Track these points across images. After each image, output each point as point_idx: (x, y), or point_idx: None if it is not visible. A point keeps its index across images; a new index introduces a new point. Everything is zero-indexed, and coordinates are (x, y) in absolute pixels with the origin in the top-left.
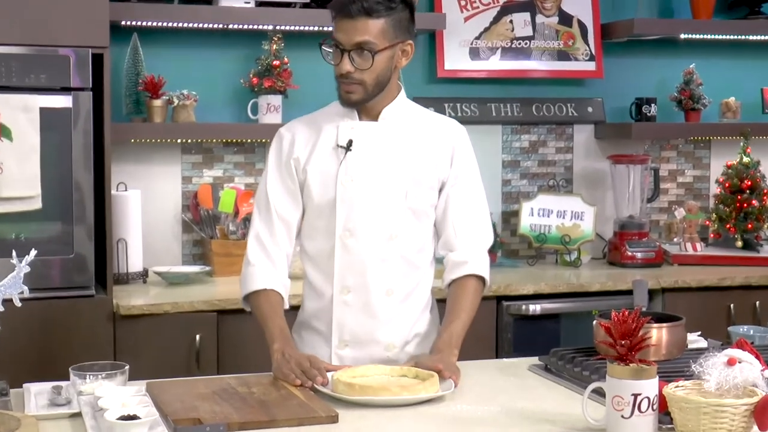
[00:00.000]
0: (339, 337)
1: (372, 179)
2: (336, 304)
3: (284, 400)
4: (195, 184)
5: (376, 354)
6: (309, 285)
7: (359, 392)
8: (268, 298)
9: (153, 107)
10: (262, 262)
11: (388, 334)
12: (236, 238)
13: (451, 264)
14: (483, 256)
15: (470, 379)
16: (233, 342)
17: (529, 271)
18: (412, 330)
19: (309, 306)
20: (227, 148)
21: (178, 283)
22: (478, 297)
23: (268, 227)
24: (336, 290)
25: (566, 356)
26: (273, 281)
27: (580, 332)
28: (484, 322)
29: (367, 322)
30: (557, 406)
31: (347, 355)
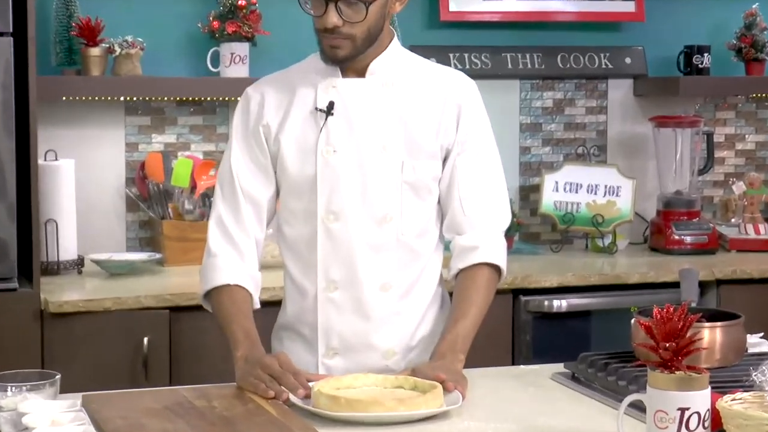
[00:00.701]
0: (326, 344)
1: (359, 149)
2: (321, 304)
3: (252, 415)
4: (142, 152)
5: (372, 363)
6: (289, 280)
7: (345, 407)
8: (232, 296)
9: (89, 57)
10: (225, 252)
11: (385, 338)
12: (193, 218)
13: (459, 250)
14: (497, 239)
15: (480, 390)
16: (189, 346)
17: (552, 259)
18: (417, 332)
19: (290, 306)
20: (181, 108)
21: (122, 273)
22: (491, 290)
23: (233, 209)
24: (320, 286)
25: (598, 362)
26: (239, 275)
27: (615, 333)
28: (498, 320)
29: (360, 325)
30: (586, 423)
31: (337, 366)
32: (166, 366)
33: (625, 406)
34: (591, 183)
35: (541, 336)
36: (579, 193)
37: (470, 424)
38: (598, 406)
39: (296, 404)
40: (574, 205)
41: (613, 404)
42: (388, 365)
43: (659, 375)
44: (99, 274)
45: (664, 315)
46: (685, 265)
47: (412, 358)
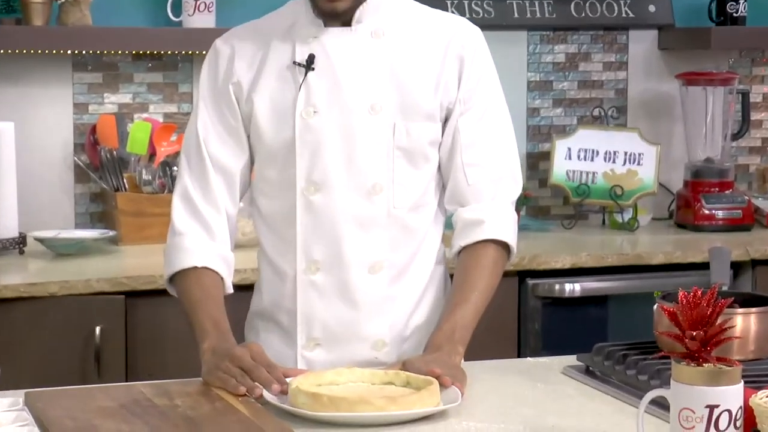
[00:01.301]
0: (306, 334)
1: (344, 109)
2: (301, 287)
3: (220, 415)
4: (93, 114)
5: (359, 355)
6: (265, 260)
7: (328, 406)
8: (200, 281)
9: (31, 4)
10: (193, 231)
11: (374, 327)
12: (152, 190)
13: (462, 224)
14: (506, 213)
15: (481, 386)
16: (148, 336)
17: (564, 236)
18: (411, 321)
19: (266, 290)
20: (138, 64)
21: (70, 254)
22: (497, 272)
23: (201, 182)
24: (300, 267)
25: (615, 354)
26: (208, 256)
27: (636, 321)
28: (502, 307)
29: (345, 312)
30: (602, 424)
31: (318, 359)
32: (122, 359)
33: (646, 404)
34: (609, 150)
35: (551, 324)
36: (595, 161)
37: (470, 425)
38: (615, 403)
39: (271, 403)
40: (589, 175)
41: (632, 401)
42: (377, 357)
43: (685, 368)
44: (44, 254)
45: (691, 300)
46: (716, 244)
47: (406, 350)
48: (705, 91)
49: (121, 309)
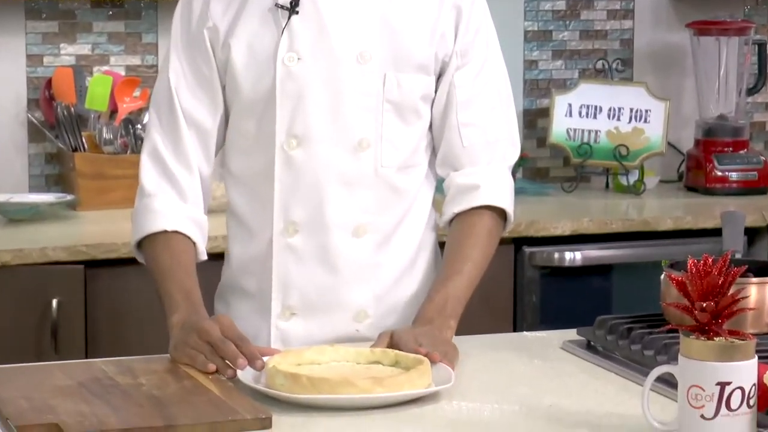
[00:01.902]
0: (281, 302)
1: (330, 57)
2: (277, 251)
3: (188, 395)
4: (48, 66)
5: (339, 328)
6: (236, 222)
7: (308, 388)
8: (170, 246)
9: None
10: (163, 192)
11: (357, 296)
12: (113, 150)
13: (455, 190)
14: (503, 178)
15: (474, 363)
16: (109, 309)
17: (564, 200)
18: (397, 291)
19: (237, 255)
20: (97, 11)
21: (24, 219)
22: (492, 241)
23: (172, 138)
24: (276, 229)
25: (619, 328)
26: (179, 219)
27: (641, 292)
28: (497, 277)
29: (325, 279)
30: (604, 403)
31: (294, 330)
32: (81, 334)
33: (652, 381)
34: (613, 106)
35: (550, 296)
36: (598, 118)
37: (462, 406)
38: (618, 381)
39: (247, 385)
40: (591, 134)
41: (637, 379)
42: (358, 330)
43: (694, 342)
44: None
45: (701, 268)
46: (730, 208)
47: (391, 324)
48: (718, 41)
49: (79, 280)
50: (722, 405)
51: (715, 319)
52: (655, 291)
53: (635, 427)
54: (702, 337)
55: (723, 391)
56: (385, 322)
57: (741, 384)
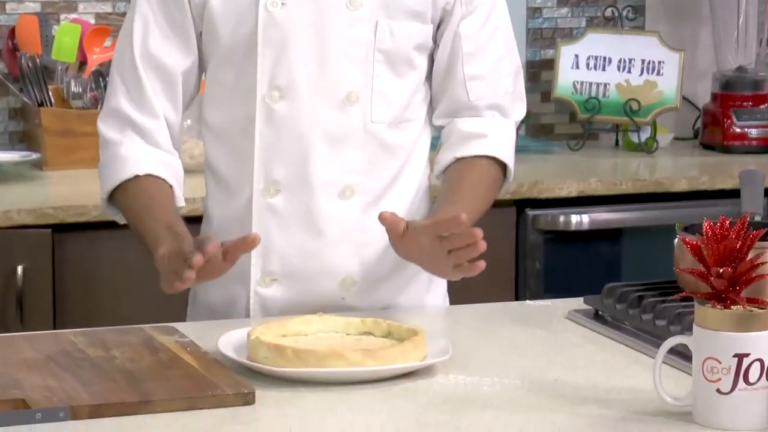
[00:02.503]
0: (262, 267)
1: (317, 2)
2: (257, 212)
3: (164, 368)
4: (11, 14)
5: (323, 295)
6: (215, 180)
7: (293, 361)
8: (143, 189)
9: None
10: (128, 138)
11: (343, 262)
12: (82, 105)
13: (459, 136)
14: (509, 132)
15: (473, 334)
16: (79, 277)
17: (570, 159)
18: (387, 257)
19: (215, 216)
20: None
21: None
22: (493, 189)
23: (137, 86)
24: (257, 188)
25: (629, 296)
26: (150, 162)
27: (653, 258)
28: (498, 242)
29: (309, 243)
30: (613, 376)
31: (274, 296)
32: (48, 303)
33: (664, 353)
34: (623, 57)
35: (555, 262)
36: (607, 70)
37: (459, 380)
38: (628, 353)
39: (227, 356)
40: (600, 87)
41: (648, 350)
42: (344, 299)
43: (710, 311)
44: None
45: (717, 232)
46: (749, 167)
47: (380, 293)
48: None
49: (47, 245)
50: (740, 378)
51: (732, 286)
52: (668, 256)
53: (646, 402)
54: (718, 306)
55: (740, 364)
56: (374, 290)
57: (760, 356)
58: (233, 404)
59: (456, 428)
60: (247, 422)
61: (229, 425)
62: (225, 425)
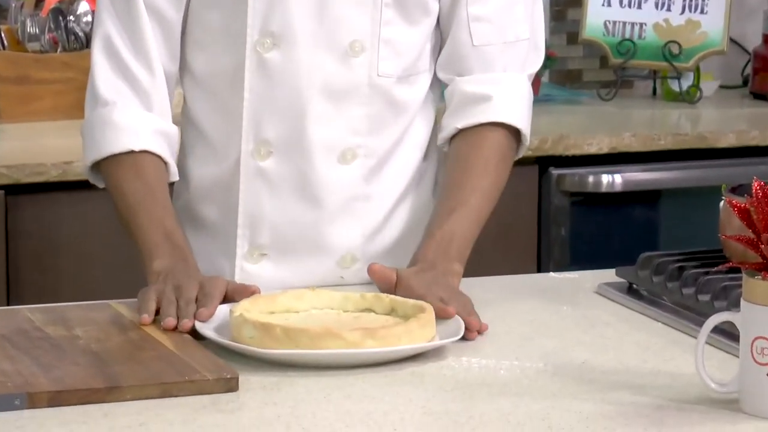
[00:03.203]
0: (249, 240)
1: None
2: (245, 176)
3: (135, 350)
4: None
5: (320, 274)
6: (196, 135)
7: (283, 341)
8: (140, 172)
9: None
10: (123, 98)
11: (342, 234)
12: (40, 48)
13: (461, 99)
14: (521, 89)
15: (489, 311)
16: (37, 245)
17: (601, 111)
18: (390, 228)
19: (195, 177)
20: None
21: None
22: (505, 167)
23: (129, 29)
24: (245, 149)
25: (668, 267)
26: (147, 134)
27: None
28: (518, 206)
29: (304, 213)
30: (649, 359)
31: (263, 274)
32: (2, 275)
33: (707, 332)
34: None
35: (583, 229)
36: (643, 8)
37: (473, 363)
38: (666, 332)
39: (208, 337)
40: (635, 28)
41: (689, 329)
42: (343, 277)
43: (760, 284)
44: None
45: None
46: None
47: None
48: None
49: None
50: None
51: None
52: (713, 221)
53: (687, 388)
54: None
55: None
56: None
57: None
58: (214, 391)
59: (469, 418)
60: (229, 411)
61: (208, 414)
62: (204, 415)
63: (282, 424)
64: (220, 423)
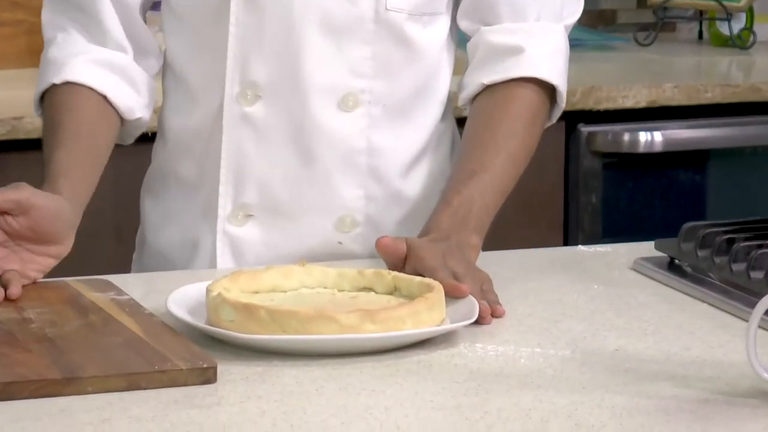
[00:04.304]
0: (233, 199)
1: None
2: (229, 124)
3: (97, 335)
4: None
5: (315, 238)
6: (174, 80)
7: (268, 325)
8: (54, 104)
9: None
10: (62, 33)
11: (342, 193)
12: None
13: (487, 51)
14: (557, 41)
15: (509, 290)
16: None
17: (639, 58)
18: (399, 189)
19: (173, 129)
20: None
21: None
22: (536, 128)
23: None
24: (230, 92)
25: (715, 239)
26: (74, 65)
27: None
28: (542, 168)
29: (297, 167)
30: (693, 345)
31: (250, 238)
32: None
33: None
34: None
35: (617, 195)
36: None
37: (488, 350)
38: (713, 314)
39: (181, 320)
40: None
41: (739, 311)
42: (342, 243)
43: None
44: None
45: None
46: None
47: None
48: None
49: None
50: None
51: None
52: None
53: (737, 379)
54: None
55: None
56: (381, 232)
57: None
58: (188, 383)
59: (484, 414)
60: (206, 406)
61: (182, 410)
62: (177, 410)
63: (267, 421)
64: (196, 419)
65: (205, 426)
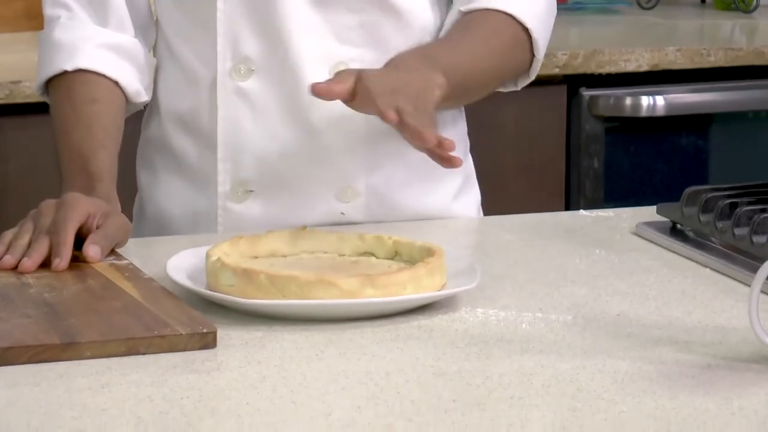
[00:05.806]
0: (232, 175)
1: None
2: (224, 100)
3: (96, 300)
4: None
5: (317, 210)
6: (167, 52)
7: (268, 290)
8: (69, 93)
9: None
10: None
11: (341, 164)
12: None
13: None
14: None
15: (509, 254)
16: None
17: (640, 20)
18: (398, 156)
19: (168, 101)
20: None
21: None
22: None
23: None
24: (222, 67)
25: (718, 203)
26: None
27: (750, 153)
28: (543, 132)
29: (295, 139)
30: (695, 310)
31: (250, 214)
32: None
33: (763, 280)
34: None
35: (618, 159)
36: None
37: (490, 315)
38: (715, 279)
39: (181, 285)
40: None
41: (743, 276)
42: (344, 213)
43: None
44: None
45: None
46: None
47: (391, 212)
48: None
49: None
50: None
51: None
52: None
53: (739, 344)
54: None
55: None
56: (383, 203)
57: None
58: (187, 348)
59: (486, 378)
60: (205, 371)
61: (181, 375)
62: (176, 375)
63: (267, 386)
64: (195, 385)
65: (204, 391)
